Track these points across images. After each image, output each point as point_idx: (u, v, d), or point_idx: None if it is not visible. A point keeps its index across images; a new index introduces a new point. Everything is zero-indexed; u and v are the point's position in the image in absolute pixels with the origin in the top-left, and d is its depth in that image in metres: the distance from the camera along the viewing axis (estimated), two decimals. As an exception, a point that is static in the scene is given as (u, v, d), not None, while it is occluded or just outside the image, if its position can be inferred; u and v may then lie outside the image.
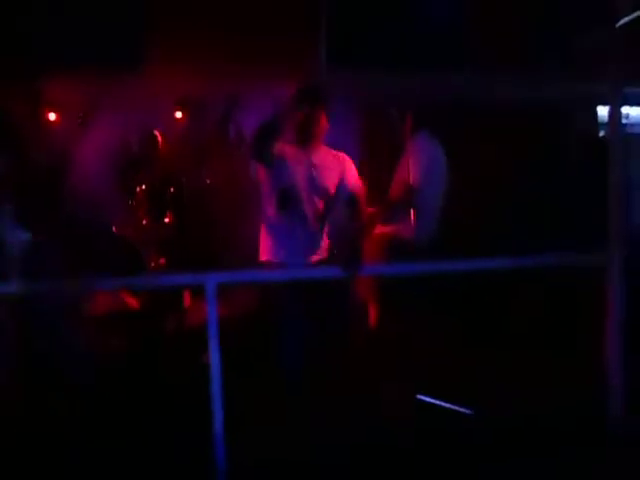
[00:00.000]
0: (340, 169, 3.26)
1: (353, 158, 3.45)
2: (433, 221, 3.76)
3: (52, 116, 5.15)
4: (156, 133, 5.38)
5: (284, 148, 3.12)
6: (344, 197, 3.24)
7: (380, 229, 3.80)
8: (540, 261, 2.83)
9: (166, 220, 4.84)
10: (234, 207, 4.62)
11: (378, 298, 3.65)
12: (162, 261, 4.70)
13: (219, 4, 5.33)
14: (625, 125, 3.68)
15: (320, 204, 3.19)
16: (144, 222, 4.80)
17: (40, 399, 3.11)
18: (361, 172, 3.99)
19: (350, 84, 4.18)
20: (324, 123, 3.20)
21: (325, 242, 3.31)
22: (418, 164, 3.66)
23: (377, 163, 4.17)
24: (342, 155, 3.31)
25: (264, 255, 3.23)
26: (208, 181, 4.96)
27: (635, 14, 3.06)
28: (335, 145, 3.44)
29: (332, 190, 3.21)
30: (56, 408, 3.03)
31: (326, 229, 3.28)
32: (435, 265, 2.86)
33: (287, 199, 3.12)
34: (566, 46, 5.24)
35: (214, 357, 2.39)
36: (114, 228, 4.71)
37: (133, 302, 4.20)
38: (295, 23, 5.39)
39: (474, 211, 4.87)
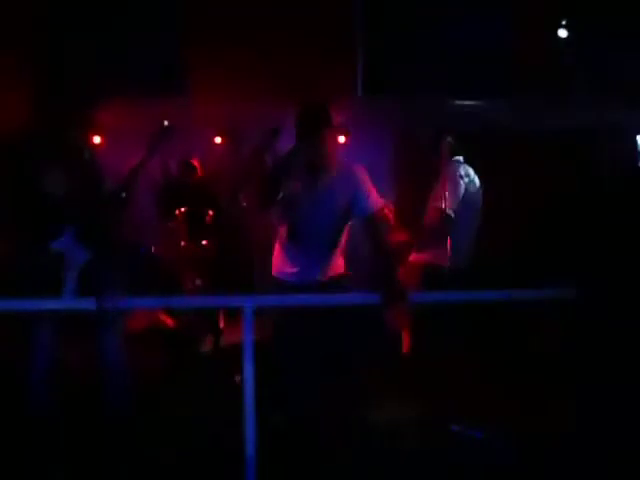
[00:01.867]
0: (351, 189, 2.97)
1: (385, 184, 3.30)
2: (467, 250, 3.74)
3: (97, 139, 5.36)
4: (194, 161, 5.51)
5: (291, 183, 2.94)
6: (359, 217, 2.98)
7: (414, 256, 3.80)
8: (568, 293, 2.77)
9: (204, 242, 4.94)
10: (269, 231, 4.69)
11: (411, 326, 3.64)
12: (199, 282, 4.80)
13: (261, 35, 5.51)
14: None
15: (333, 230, 2.99)
16: (183, 244, 4.91)
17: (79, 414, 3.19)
18: (396, 198, 4.02)
19: (385, 112, 4.23)
20: (334, 144, 2.97)
21: (340, 259, 3.11)
22: (453, 191, 3.65)
23: (412, 189, 4.18)
24: (355, 171, 2.99)
25: (275, 269, 3.13)
26: (245, 204, 5.05)
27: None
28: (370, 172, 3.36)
29: (342, 213, 2.96)
30: (94, 422, 3.08)
31: (340, 247, 3.06)
32: (470, 295, 2.82)
33: (297, 232, 2.99)
34: (605, 75, 5.22)
35: (248, 379, 2.41)
36: (154, 249, 4.83)
37: (169, 321, 4.29)
38: (333, 54, 5.53)
39: (508, 241, 4.85)
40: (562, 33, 5.62)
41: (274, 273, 3.12)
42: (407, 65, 5.70)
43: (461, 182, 3.70)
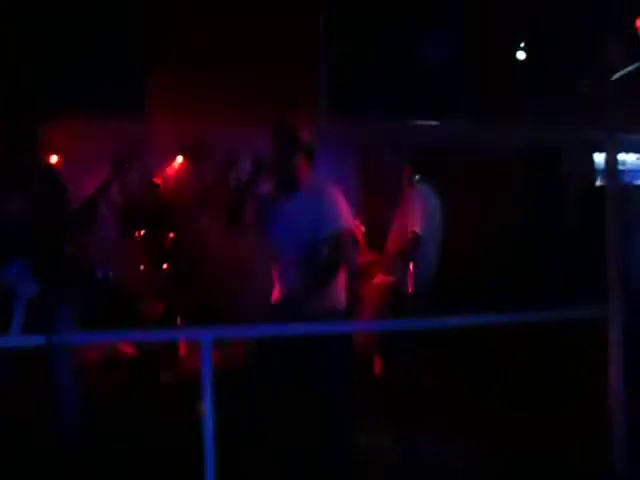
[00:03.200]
0: (318, 208, 2.96)
1: (350, 201, 3.26)
2: (430, 272, 3.73)
3: (54, 159, 5.21)
4: (157, 182, 5.42)
5: (263, 201, 3.00)
6: (323, 237, 2.94)
7: (379, 278, 3.78)
8: (538, 315, 2.77)
9: (164, 267, 4.82)
10: (235, 255, 4.60)
11: (380, 349, 3.61)
12: (160, 308, 4.67)
13: (221, 54, 5.46)
14: (622, 172, 3.68)
15: (304, 248, 2.93)
16: (142, 268, 4.78)
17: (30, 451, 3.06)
18: (360, 219, 4.00)
19: (349, 130, 4.22)
20: (304, 166, 2.96)
21: (339, 294, 3.02)
22: (418, 213, 3.64)
23: (375, 210, 4.17)
24: (325, 191, 2.98)
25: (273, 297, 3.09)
26: (204, 226, 4.96)
27: (632, 66, 3.11)
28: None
29: (310, 233, 2.93)
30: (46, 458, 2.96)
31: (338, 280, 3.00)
32: (433, 322, 2.77)
33: (275, 249, 2.99)
34: (563, 93, 5.34)
35: (209, 410, 2.32)
36: (111, 274, 4.69)
37: (128, 349, 4.16)
38: (296, 73, 5.52)
39: (470, 262, 4.86)
40: (520, 55, 5.74)
41: (273, 296, 3.05)
42: (370, 84, 5.74)
43: (426, 204, 3.71)
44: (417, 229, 3.57)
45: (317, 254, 2.96)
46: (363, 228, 3.94)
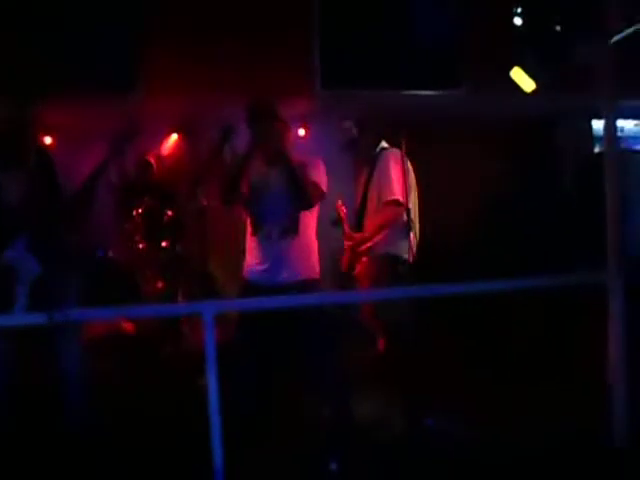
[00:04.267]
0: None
1: (346, 178, 3.31)
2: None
3: (48, 140, 5.17)
4: (150, 158, 5.39)
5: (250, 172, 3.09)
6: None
7: (374, 249, 3.70)
8: (537, 282, 2.77)
9: (163, 244, 4.82)
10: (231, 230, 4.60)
11: (380, 323, 3.61)
12: (160, 285, 4.68)
13: (217, 30, 5.39)
14: (620, 139, 3.64)
15: (285, 218, 3.06)
16: (141, 246, 4.78)
17: (36, 429, 3.09)
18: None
19: (344, 106, 4.18)
20: (284, 137, 3.07)
21: (308, 258, 3.14)
22: (394, 180, 3.56)
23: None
24: (310, 164, 3.12)
25: (245, 267, 3.16)
26: (205, 203, 4.95)
27: (629, 30, 3.06)
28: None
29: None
30: (53, 436, 2.99)
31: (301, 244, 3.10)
32: (431, 289, 2.78)
33: (255, 220, 3.08)
34: (561, 59, 5.27)
35: (212, 386, 2.34)
36: (111, 252, 4.69)
37: (129, 326, 4.18)
38: (291, 48, 5.45)
39: (467, 232, 4.86)
40: (517, 21, 5.65)
41: (244, 272, 3.13)
42: (364, 58, 5.67)
43: (405, 171, 3.60)
44: (398, 197, 3.49)
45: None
46: (345, 209, 3.83)
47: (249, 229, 3.12)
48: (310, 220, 3.15)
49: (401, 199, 3.47)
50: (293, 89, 5.28)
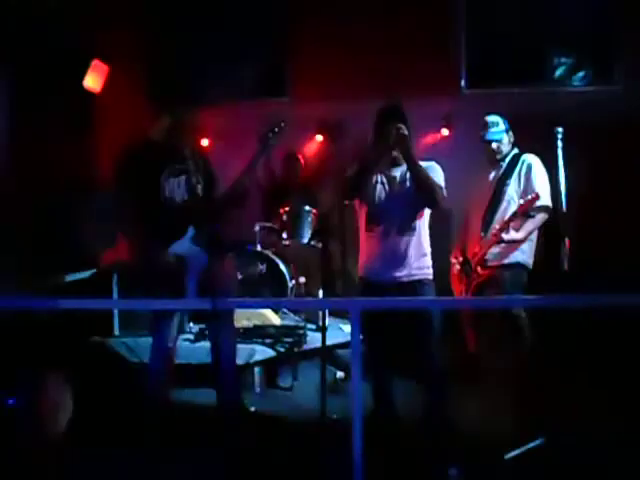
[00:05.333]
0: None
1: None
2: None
3: (205, 142, 5.59)
4: (299, 156, 5.64)
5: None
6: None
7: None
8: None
9: (307, 241, 5.02)
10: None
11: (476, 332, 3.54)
12: (303, 280, 4.88)
13: (362, 32, 5.50)
14: None
15: (406, 217, 3.16)
16: (287, 243, 5.01)
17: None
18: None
19: (492, 105, 4.08)
20: (410, 139, 3.14)
21: (423, 256, 3.21)
22: (547, 185, 3.50)
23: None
24: (436, 167, 3.22)
25: (360, 264, 3.27)
26: (346, 203, 5.06)
27: None
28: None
29: (419, 201, 3.17)
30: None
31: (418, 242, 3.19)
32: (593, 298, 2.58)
33: (373, 218, 3.16)
34: None
35: (356, 381, 2.40)
36: (259, 247, 4.96)
37: (274, 317, 4.40)
38: (436, 49, 5.42)
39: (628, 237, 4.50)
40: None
41: (360, 269, 3.25)
42: (511, 56, 5.48)
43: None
44: (548, 202, 3.44)
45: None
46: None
47: (363, 225, 3.21)
48: (424, 220, 3.22)
49: (550, 205, 3.40)
50: (437, 88, 5.26)
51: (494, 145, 3.61)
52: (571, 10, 5.40)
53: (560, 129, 3.15)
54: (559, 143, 3.14)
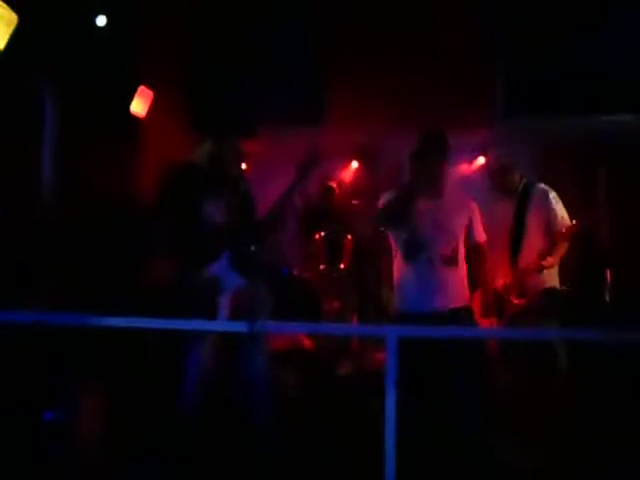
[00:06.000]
0: (467, 214, 3.27)
1: None
2: None
3: (244, 166, 5.69)
4: (333, 184, 5.70)
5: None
6: (472, 240, 3.27)
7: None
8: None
9: (342, 266, 5.04)
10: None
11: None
12: (336, 305, 4.89)
13: (398, 60, 5.58)
14: None
15: (447, 248, 3.16)
16: (322, 267, 5.05)
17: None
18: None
19: (528, 133, 4.09)
20: (447, 168, 3.19)
21: (462, 287, 3.23)
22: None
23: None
24: (468, 200, 3.29)
25: (400, 300, 3.27)
26: (382, 229, 5.08)
27: None
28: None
29: (459, 233, 3.22)
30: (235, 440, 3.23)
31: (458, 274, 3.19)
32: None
33: (414, 247, 3.15)
34: None
35: (390, 411, 2.39)
36: (295, 272, 5.01)
37: (308, 342, 4.41)
38: (471, 77, 5.45)
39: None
40: None
41: (400, 299, 3.25)
42: (548, 83, 5.46)
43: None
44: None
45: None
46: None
47: (399, 256, 3.21)
48: (463, 251, 3.24)
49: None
50: (473, 117, 5.27)
51: (512, 174, 3.64)
52: (606, 37, 5.36)
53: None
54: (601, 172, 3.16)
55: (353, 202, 5.64)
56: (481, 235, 3.30)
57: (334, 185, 5.69)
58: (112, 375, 3.68)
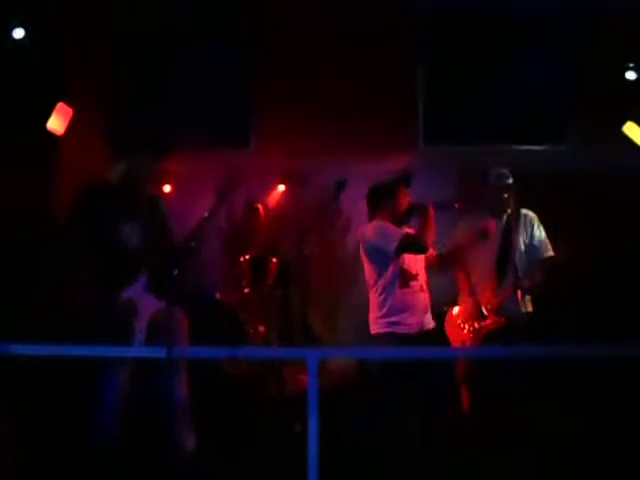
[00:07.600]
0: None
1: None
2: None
3: (167, 188, 5.58)
4: (258, 206, 5.66)
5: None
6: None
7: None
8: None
9: (267, 290, 5.00)
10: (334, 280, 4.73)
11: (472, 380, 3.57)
12: (262, 329, 4.84)
13: (324, 87, 5.67)
14: None
15: (425, 274, 3.53)
16: (246, 291, 4.98)
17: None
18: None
19: (448, 162, 4.24)
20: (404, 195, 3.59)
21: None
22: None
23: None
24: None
25: (375, 328, 3.44)
26: (306, 252, 5.08)
27: None
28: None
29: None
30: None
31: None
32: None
33: (410, 274, 3.43)
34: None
35: (312, 433, 2.37)
36: (218, 295, 4.92)
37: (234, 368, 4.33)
38: (395, 105, 5.61)
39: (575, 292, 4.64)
40: (630, 75, 5.47)
41: (398, 325, 3.39)
42: (469, 113, 5.70)
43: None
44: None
45: None
46: None
47: (397, 282, 3.41)
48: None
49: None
50: (396, 144, 5.41)
51: (506, 195, 3.77)
52: (524, 69, 5.66)
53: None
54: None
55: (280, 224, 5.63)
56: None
57: (260, 207, 5.66)
58: (23, 405, 3.48)
